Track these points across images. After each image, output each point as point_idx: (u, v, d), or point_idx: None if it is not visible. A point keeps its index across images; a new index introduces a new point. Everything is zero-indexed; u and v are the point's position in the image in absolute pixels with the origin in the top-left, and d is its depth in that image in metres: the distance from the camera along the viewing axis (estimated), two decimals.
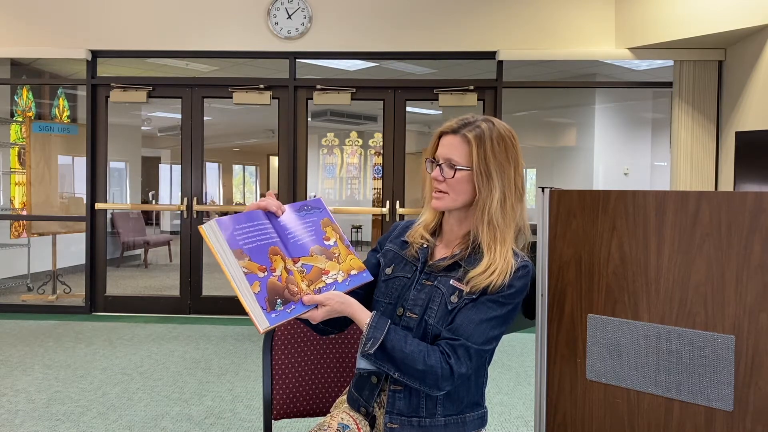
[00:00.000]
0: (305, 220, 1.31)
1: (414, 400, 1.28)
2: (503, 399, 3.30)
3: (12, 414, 2.96)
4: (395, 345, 1.20)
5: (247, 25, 5.08)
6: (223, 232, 1.15)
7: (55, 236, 6.02)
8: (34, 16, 5.10)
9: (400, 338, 1.22)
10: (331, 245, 1.30)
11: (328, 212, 1.37)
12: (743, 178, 4.17)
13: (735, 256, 1.10)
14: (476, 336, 1.23)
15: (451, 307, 1.25)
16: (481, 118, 1.31)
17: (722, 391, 1.11)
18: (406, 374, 1.21)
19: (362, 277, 1.31)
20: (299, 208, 1.33)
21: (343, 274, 1.28)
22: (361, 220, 10.82)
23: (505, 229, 1.27)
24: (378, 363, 1.22)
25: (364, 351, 1.20)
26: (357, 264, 1.32)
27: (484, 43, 5.02)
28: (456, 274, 1.28)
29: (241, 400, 3.22)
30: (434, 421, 1.28)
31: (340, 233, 1.34)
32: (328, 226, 1.33)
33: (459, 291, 1.26)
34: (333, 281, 1.25)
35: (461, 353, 1.21)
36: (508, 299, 1.25)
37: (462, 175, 1.28)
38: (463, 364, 1.22)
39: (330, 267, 1.27)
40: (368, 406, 1.34)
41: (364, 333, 1.21)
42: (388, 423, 1.30)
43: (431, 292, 1.29)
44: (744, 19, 4.18)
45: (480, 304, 1.24)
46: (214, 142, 13.58)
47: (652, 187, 7.74)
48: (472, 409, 1.32)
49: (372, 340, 1.20)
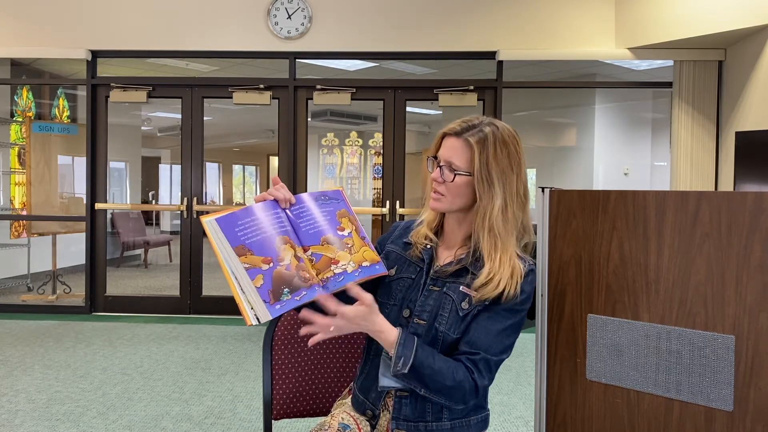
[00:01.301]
0: (321, 209, 1.30)
1: (420, 405, 1.27)
2: (503, 399, 3.30)
3: (12, 414, 2.96)
4: (424, 362, 1.18)
5: (247, 25, 5.08)
6: (224, 229, 1.16)
7: (55, 236, 6.02)
8: (34, 16, 5.10)
9: (428, 354, 1.19)
10: (344, 235, 1.28)
11: (346, 204, 1.35)
12: (743, 178, 4.17)
13: (735, 256, 1.10)
14: (495, 347, 1.23)
15: (463, 313, 1.24)
16: (486, 121, 1.29)
17: (722, 391, 1.11)
18: (433, 390, 1.19)
19: (375, 269, 1.27)
20: (316, 198, 1.32)
21: (353, 264, 1.24)
22: (361, 220, 10.74)
23: (506, 237, 1.26)
24: (407, 381, 1.19)
25: (396, 371, 1.17)
26: (371, 256, 1.29)
27: (484, 43, 5.02)
28: (465, 280, 1.27)
29: (241, 400, 3.22)
30: (441, 425, 1.28)
31: (357, 225, 1.32)
32: (345, 217, 1.32)
33: (469, 297, 1.25)
34: (342, 271, 1.22)
35: (482, 367, 1.21)
36: (522, 305, 1.26)
37: (462, 180, 1.27)
38: (486, 377, 1.22)
39: (341, 257, 1.24)
40: (375, 409, 1.33)
41: (394, 351, 1.18)
42: (395, 429, 1.29)
43: (440, 299, 1.27)
44: (744, 19, 4.18)
45: (495, 314, 1.24)
46: (214, 142, 13.58)
47: (652, 187, 7.74)
48: (477, 411, 1.32)
49: (403, 358, 1.17)
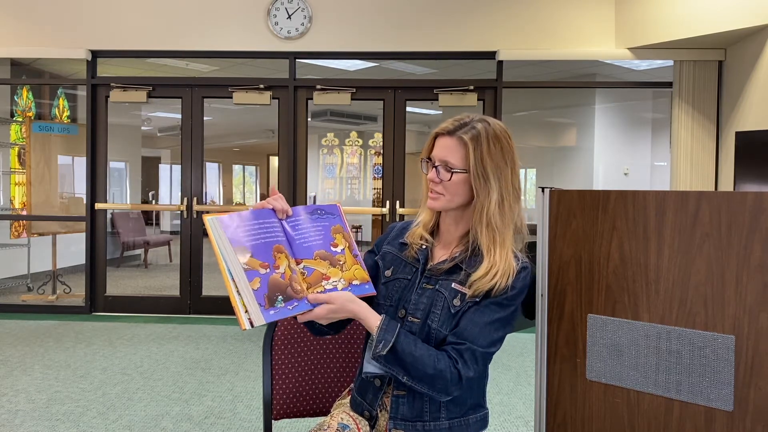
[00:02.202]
0: (316, 223, 1.31)
1: (417, 404, 1.28)
2: (503, 399, 3.30)
3: (12, 414, 2.96)
4: (405, 348, 1.19)
5: (247, 25, 5.08)
6: (226, 229, 1.17)
7: (55, 236, 6.02)
8: (34, 16, 5.10)
9: (410, 342, 1.21)
10: (337, 252, 1.30)
11: (342, 220, 1.35)
12: (743, 178, 4.17)
13: (735, 256, 1.10)
14: (481, 339, 1.23)
15: (455, 310, 1.25)
16: (477, 118, 1.30)
17: (722, 391, 1.11)
18: (415, 378, 1.20)
19: (364, 288, 1.30)
20: (312, 211, 1.32)
21: (344, 282, 1.27)
22: (361, 220, 10.82)
23: (504, 231, 1.27)
24: (388, 366, 1.21)
25: (375, 352, 1.19)
26: (361, 275, 1.31)
27: (484, 43, 5.02)
28: (457, 277, 1.28)
29: (241, 400, 3.21)
30: (438, 424, 1.28)
31: (351, 242, 1.33)
32: (339, 233, 1.32)
33: (461, 294, 1.25)
34: (333, 287, 1.24)
35: (468, 357, 1.21)
36: (511, 301, 1.26)
37: (459, 178, 1.27)
38: (471, 368, 1.22)
39: (332, 273, 1.26)
40: (372, 410, 1.33)
41: (374, 335, 1.20)
42: (393, 429, 1.29)
43: (433, 296, 1.28)
44: (744, 19, 4.18)
45: (483, 307, 1.24)
46: (214, 142, 13.58)
47: (652, 187, 7.74)
48: (475, 410, 1.32)
49: (383, 342, 1.19)
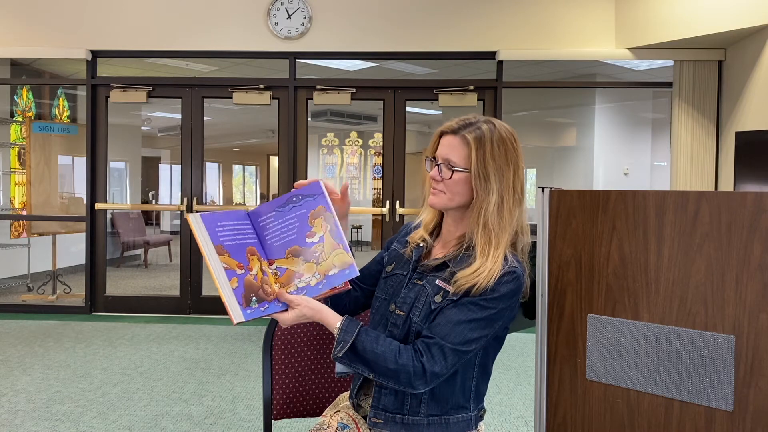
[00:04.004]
0: (290, 215, 1.26)
1: (399, 397, 1.29)
2: (503, 399, 3.30)
3: (12, 414, 2.96)
4: (366, 346, 1.21)
5: (247, 25, 5.08)
6: (206, 226, 1.20)
7: (55, 236, 6.02)
8: (34, 16, 5.10)
9: (371, 339, 1.22)
10: (314, 242, 1.25)
11: (324, 199, 1.27)
12: (743, 178, 4.17)
13: (735, 256, 1.10)
14: (452, 336, 1.22)
15: (434, 306, 1.25)
16: (483, 119, 1.30)
17: (722, 391, 1.11)
18: (379, 374, 1.21)
19: (344, 274, 1.24)
20: (285, 202, 1.27)
21: (318, 276, 1.24)
22: (361, 220, 10.83)
23: (500, 234, 1.26)
24: (351, 365, 1.23)
25: (334, 354, 1.22)
26: (341, 260, 1.24)
27: (484, 43, 5.02)
28: (442, 275, 1.28)
29: (241, 400, 3.22)
30: (417, 419, 1.28)
31: (333, 223, 1.26)
32: (318, 218, 1.26)
33: (444, 291, 1.26)
34: (305, 285, 1.23)
35: (435, 351, 1.21)
36: (491, 303, 1.23)
37: (459, 177, 1.27)
38: (437, 363, 1.21)
39: (305, 269, 1.25)
40: (358, 404, 1.37)
41: (335, 337, 1.22)
42: (372, 417, 1.31)
43: (419, 291, 1.29)
44: (744, 19, 4.18)
45: (461, 305, 1.24)
46: (214, 142, 13.58)
47: (652, 187, 7.74)
48: (458, 411, 1.31)
49: (342, 343, 1.21)
